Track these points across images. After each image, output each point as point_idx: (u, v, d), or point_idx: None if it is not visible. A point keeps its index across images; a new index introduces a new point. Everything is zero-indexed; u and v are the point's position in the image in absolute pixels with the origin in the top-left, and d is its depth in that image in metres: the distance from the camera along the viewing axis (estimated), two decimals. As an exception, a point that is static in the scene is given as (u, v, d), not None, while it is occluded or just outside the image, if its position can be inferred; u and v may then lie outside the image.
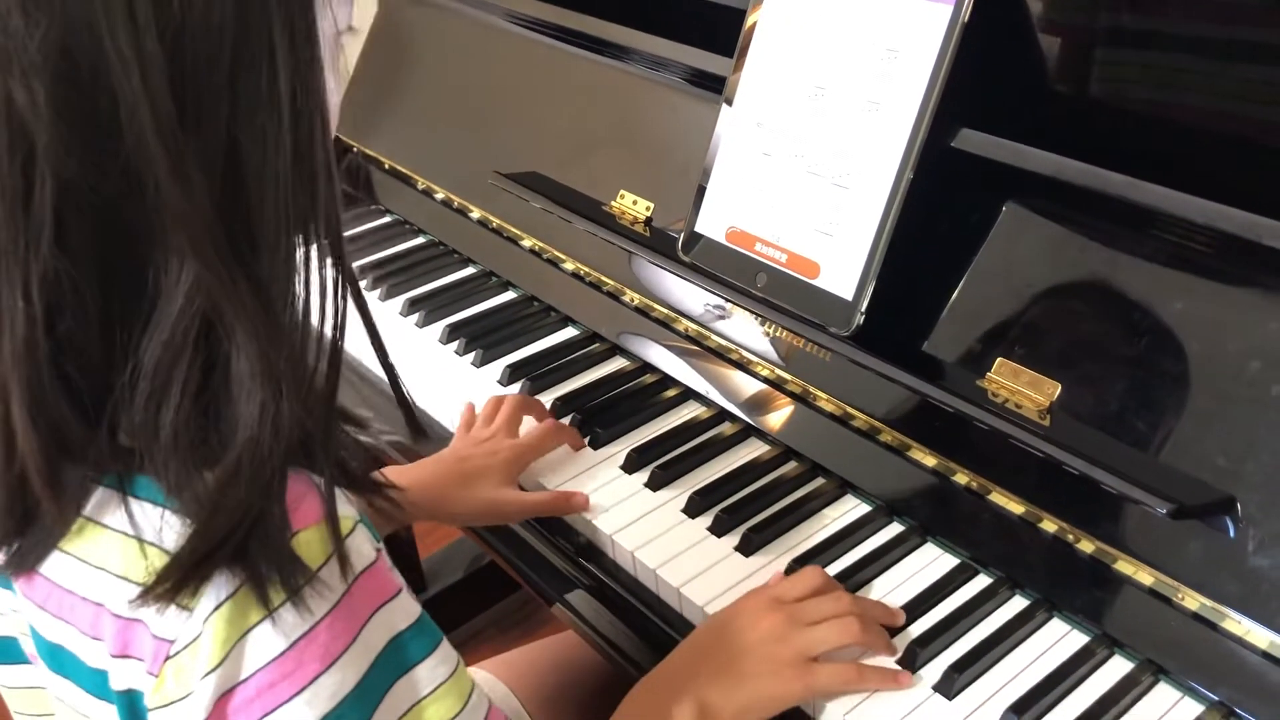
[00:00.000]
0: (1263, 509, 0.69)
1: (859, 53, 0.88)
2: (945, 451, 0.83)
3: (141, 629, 0.51)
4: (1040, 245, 0.83)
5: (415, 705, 0.55)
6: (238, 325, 0.48)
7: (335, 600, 0.51)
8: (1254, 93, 0.80)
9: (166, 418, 0.49)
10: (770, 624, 0.72)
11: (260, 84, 0.48)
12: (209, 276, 0.47)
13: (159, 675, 0.51)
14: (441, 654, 0.56)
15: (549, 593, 0.92)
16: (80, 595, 0.53)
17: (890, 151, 0.85)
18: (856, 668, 0.72)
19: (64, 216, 0.46)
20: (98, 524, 0.53)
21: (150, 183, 0.46)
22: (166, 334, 0.48)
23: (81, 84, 0.44)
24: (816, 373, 0.92)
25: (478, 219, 1.27)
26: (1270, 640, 0.67)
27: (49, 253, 0.46)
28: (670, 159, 1.08)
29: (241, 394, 0.49)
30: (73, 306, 0.48)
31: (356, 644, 0.52)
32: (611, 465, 0.94)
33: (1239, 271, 0.74)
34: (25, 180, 0.46)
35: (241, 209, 0.49)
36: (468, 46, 1.36)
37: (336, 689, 0.51)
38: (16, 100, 0.44)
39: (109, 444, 0.51)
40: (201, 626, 0.49)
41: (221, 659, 0.49)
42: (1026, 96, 0.90)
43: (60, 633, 0.55)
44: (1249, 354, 0.71)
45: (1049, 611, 0.77)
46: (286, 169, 0.49)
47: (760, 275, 0.93)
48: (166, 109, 0.45)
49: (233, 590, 0.49)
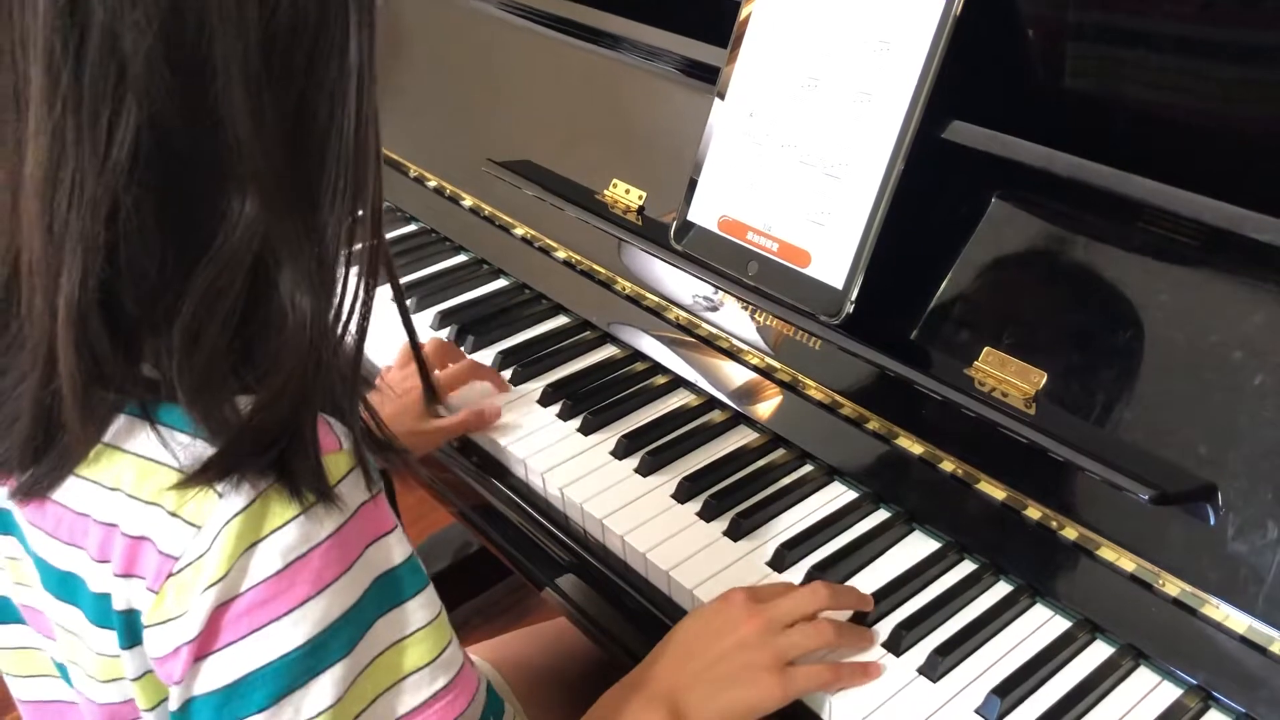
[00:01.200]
0: (1242, 496, 0.70)
1: (852, 44, 0.88)
2: (932, 439, 0.84)
3: (148, 546, 0.53)
4: (1028, 236, 0.84)
5: (397, 642, 0.56)
6: (287, 263, 0.52)
7: (335, 526, 0.53)
8: (1240, 88, 0.82)
9: (204, 346, 0.51)
10: (748, 630, 0.73)
11: (334, 55, 0.53)
12: (268, 216, 0.51)
13: (159, 592, 0.52)
14: (427, 596, 0.58)
15: (539, 578, 0.92)
16: (94, 518, 0.55)
17: (881, 142, 0.86)
18: (831, 669, 0.73)
19: (142, 150, 0.49)
20: (117, 449, 0.55)
21: (230, 127, 0.50)
22: (219, 265, 0.51)
23: (186, 34, 0.49)
24: (806, 361, 0.93)
25: (469, 207, 1.27)
26: (1248, 625, 0.68)
27: (124, 182, 0.49)
28: (663, 148, 1.09)
29: (286, 327, 0.52)
30: (136, 238, 0.50)
31: (349, 573, 0.54)
32: (602, 451, 0.95)
33: (1223, 264, 0.76)
34: (112, 118, 0.49)
35: (306, 163, 0.53)
36: (461, 34, 1.37)
37: (324, 614, 0.53)
38: (123, 42, 0.48)
39: (136, 373, 0.53)
40: (210, 542, 0.51)
41: (226, 572, 0.51)
42: (1017, 89, 0.91)
43: (70, 559, 0.57)
44: (1232, 345, 0.73)
45: (1032, 597, 0.78)
46: (350, 135, 0.54)
47: (752, 264, 0.94)
48: (255, 66, 0.50)
49: (247, 502, 0.51)
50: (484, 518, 0.98)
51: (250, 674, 0.52)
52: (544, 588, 0.92)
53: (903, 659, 0.74)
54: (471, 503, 1.00)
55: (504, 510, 0.96)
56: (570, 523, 0.91)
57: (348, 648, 0.54)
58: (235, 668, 0.52)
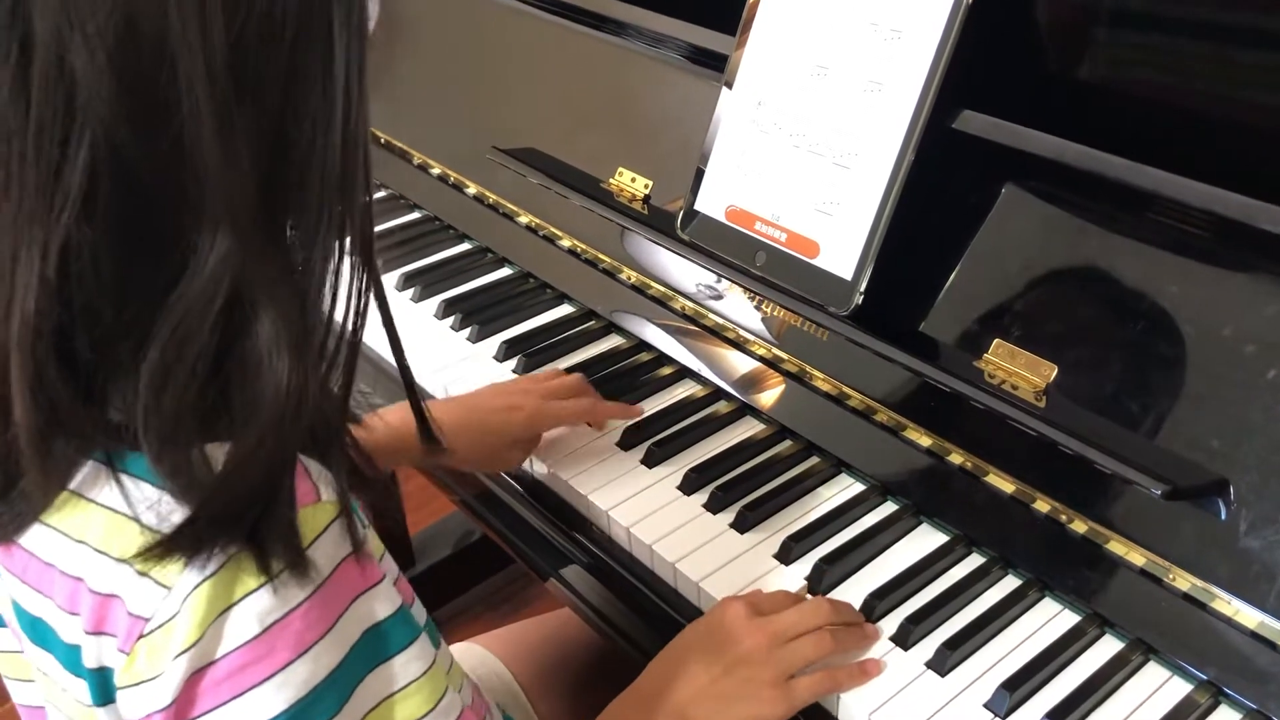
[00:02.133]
0: (1255, 491, 0.69)
1: (862, 33, 0.88)
2: (941, 431, 0.83)
3: (117, 604, 0.50)
4: (1039, 228, 0.84)
5: (386, 699, 0.54)
6: (264, 303, 0.48)
7: (314, 587, 0.50)
8: (1255, 77, 0.81)
9: (172, 394, 0.48)
10: (752, 644, 0.72)
11: (316, 70, 0.48)
12: (241, 251, 0.47)
13: (130, 653, 0.50)
14: (418, 649, 0.55)
15: (544, 568, 0.92)
16: (60, 569, 0.53)
17: (891, 132, 0.85)
18: (831, 675, 0.72)
19: (96, 184, 0.46)
20: (84, 499, 0.52)
21: (198, 154, 0.46)
22: (186, 307, 0.47)
23: (143, 53, 0.44)
24: (813, 352, 0.92)
25: (474, 194, 1.26)
26: (1259, 620, 0.68)
27: (73, 220, 0.46)
28: (670, 137, 1.08)
29: (262, 374, 0.48)
30: (90, 277, 0.47)
31: (333, 632, 0.51)
32: (607, 442, 0.94)
33: (1236, 256, 0.75)
34: (62, 147, 0.45)
35: (283, 195, 0.49)
36: (466, 21, 1.35)
37: (309, 677, 0.50)
38: (74, 66, 0.44)
39: (100, 420, 0.50)
40: (180, 605, 0.49)
41: (197, 638, 0.49)
42: (1028, 79, 0.90)
43: (39, 605, 0.55)
44: (1244, 338, 0.72)
45: (1041, 591, 0.78)
46: (335, 161, 0.49)
47: (759, 254, 0.94)
48: (223, 89, 0.45)
49: (217, 568, 0.48)
50: (486, 506, 0.98)
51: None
52: (548, 578, 0.92)
53: (911, 653, 0.74)
54: (473, 491, 0.99)
55: (507, 500, 0.96)
56: (575, 513, 0.91)
57: (335, 708, 0.52)
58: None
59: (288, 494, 0.50)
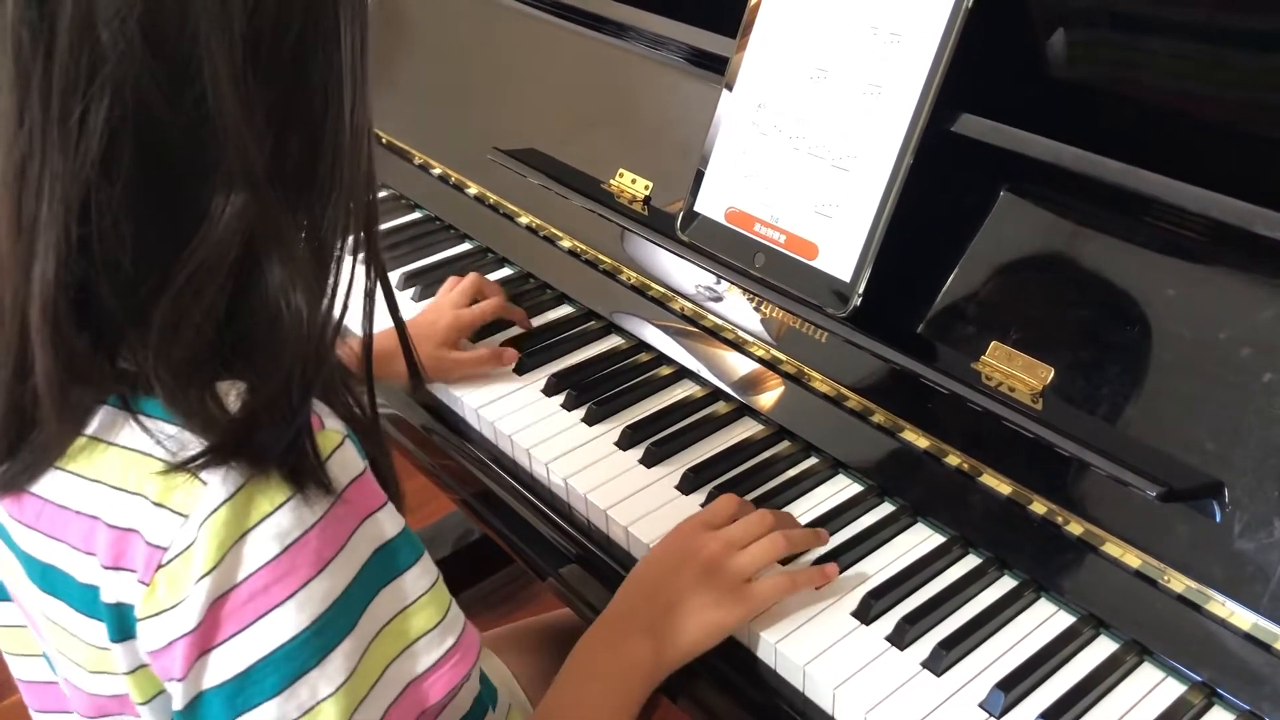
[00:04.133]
0: (1249, 493, 0.70)
1: (862, 36, 0.88)
2: (938, 433, 0.84)
3: (135, 538, 0.52)
4: (1037, 231, 0.84)
5: (400, 612, 0.57)
6: (278, 259, 0.52)
7: (327, 507, 0.53)
8: (1252, 82, 0.81)
9: (183, 341, 0.51)
10: (707, 555, 0.76)
11: (324, 45, 0.53)
12: (256, 209, 0.50)
13: (150, 584, 0.52)
14: (424, 565, 0.59)
15: (542, 567, 0.92)
16: (75, 510, 0.55)
17: (891, 135, 0.85)
18: (789, 577, 0.77)
19: (118, 144, 0.49)
20: (101, 441, 0.54)
21: (218, 119, 0.49)
22: (203, 257, 0.50)
23: (169, 24, 0.48)
24: (812, 353, 0.93)
25: (474, 195, 1.27)
26: (1253, 622, 0.68)
27: (96, 176, 0.48)
28: (670, 138, 1.08)
29: (281, 318, 0.52)
30: (111, 233, 0.49)
31: (346, 549, 0.54)
32: (606, 441, 0.94)
33: (1232, 259, 0.76)
34: (85, 107, 0.48)
35: (297, 156, 0.53)
36: (467, 22, 1.36)
37: (327, 593, 0.53)
38: (99, 34, 0.47)
39: (111, 367, 0.53)
40: (197, 531, 0.50)
41: (217, 562, 0.50)
42: (1027, 82, 0.91)
43: (52, 551, 0.56)
44: (1240, 341, 0.73)
45: (1037, 592, 0.78)
46: (345, 128, 0.53)
47: (758, 255, 0.94)
48: (242, 55, 0.49)
49: (231, 492, 0.51)
50: (486, 506, 0.98)
51: (260, 661, 0.52)
52: (546, 577, 0.92)
53: (906, 652, 0.74)
54: (473, 491, 1.00)
55: (506, 499, 0.96)
56: (574, 513, 0.91)
57: (353, 622, 0.54)
58: (244, 657, 0.52)
59: (307, 425, 0.53)
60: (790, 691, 0.75)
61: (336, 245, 0.56)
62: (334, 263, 0.56)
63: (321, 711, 0.53)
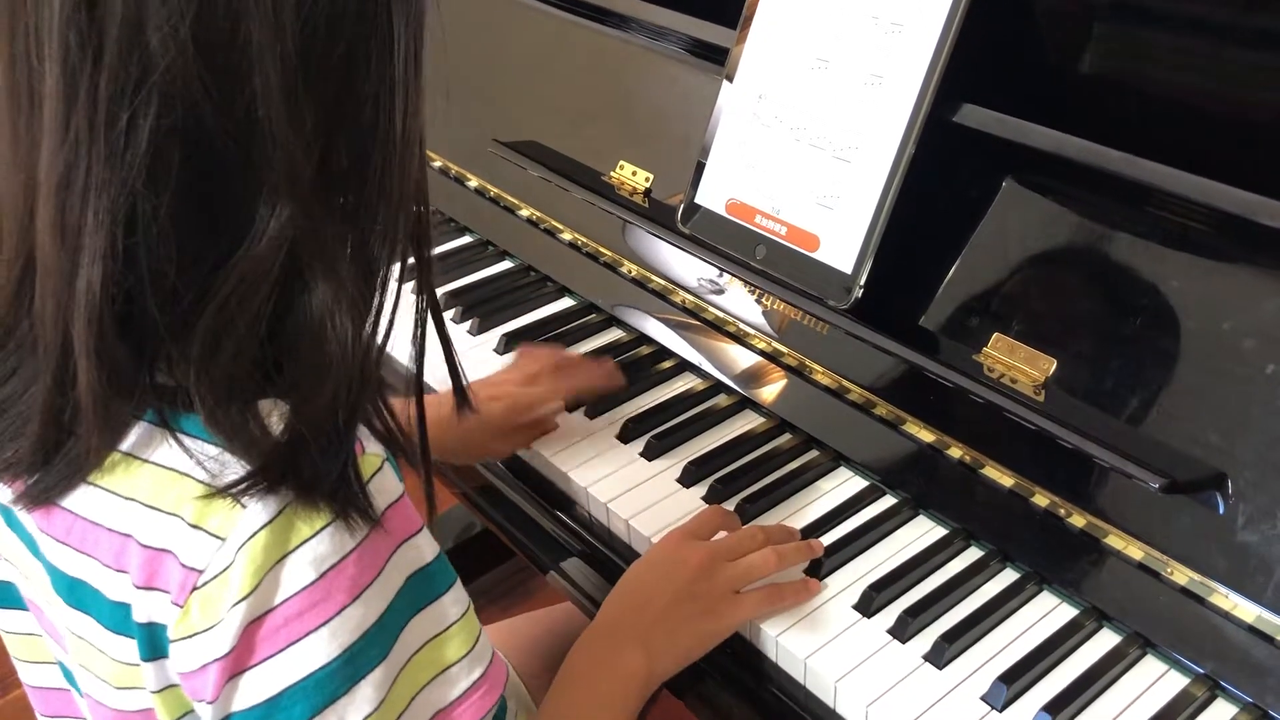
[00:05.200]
0: (1253, 485, 0.69)
1: (863, 26, 0.88)
2: (940, 425, 0.83)
3: (170, 559, 0.52)
4: (1039, 221, 0.84)
5: (432, 639, 0.56)
6: (323, 274, 0.50)
7: (365, 533, 0.52)
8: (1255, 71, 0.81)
9: (226, 353, 0.50)
10: (697, 564, 0.76)
11: (376, 54, 0.51)
12: (302, 222, 0.49)
13: (184, 606, 0.51)
14: (456, 592, 0.58)
15: (543, 561, 0.92)
16: (106, 527, 0.54)
17: (892, 125, 0.85)
18: (775, 589, 0.77)
19: (165, 153, 0.48)
20: (135, 459, 0.53)
21: (267, 128, 0.48)
22: (246, 270, 0.49)
23: (220, 31, 0.47)
24: (813, 346, 0.92)
25: (475, 187, 1.26)
26: (1257, 614, 0.68)
27: (142, 186, 0.47)
28: (671, 130, 1.08)
29: (326, 336, 0.51)
30: (156, 244, 0.49)
31: (382, 576, 0.53)
32: (608, 434, 0.94)
33: (1235, 249, 0.75)
34: (132, 115, 0.47)
35: (346, 168, 0.52)
36: (467, 14, 1.35)
37: (360, 621, 0.52)
38: (149, 40, 0.46)
39: (150, 381, 0.52)
40: (234, 555, 0.50)
41: (254, 587, 0.50)
42: (1029, 72, 0.90)
43: (81, 566, 0.56)
44: (1243, 332, 0.72)
45: (1039, 584, 0.78)
46: (397, 140, 0.52)
47: (759, 247, 0.94)
48: (293, 64, 0.48)
49: (271, 517, 0.50)
50: (487, 499, 0.98)
51: (290, 688, 0.51)
52: (548, 571, 0.92)
53: (909, 645, 0.74)
54: (474, 484, 0.99)
55: (508, 493, 0.96)
56: (575, 506, 0.91)
57: (385, 651, 0.53)
58: (274, 683, 0.51)
59: (351, 448, 0.52)
60: (792, 685, 0.75)
61: (383, 262, 0.54)
62: (380, 281, 0.54)
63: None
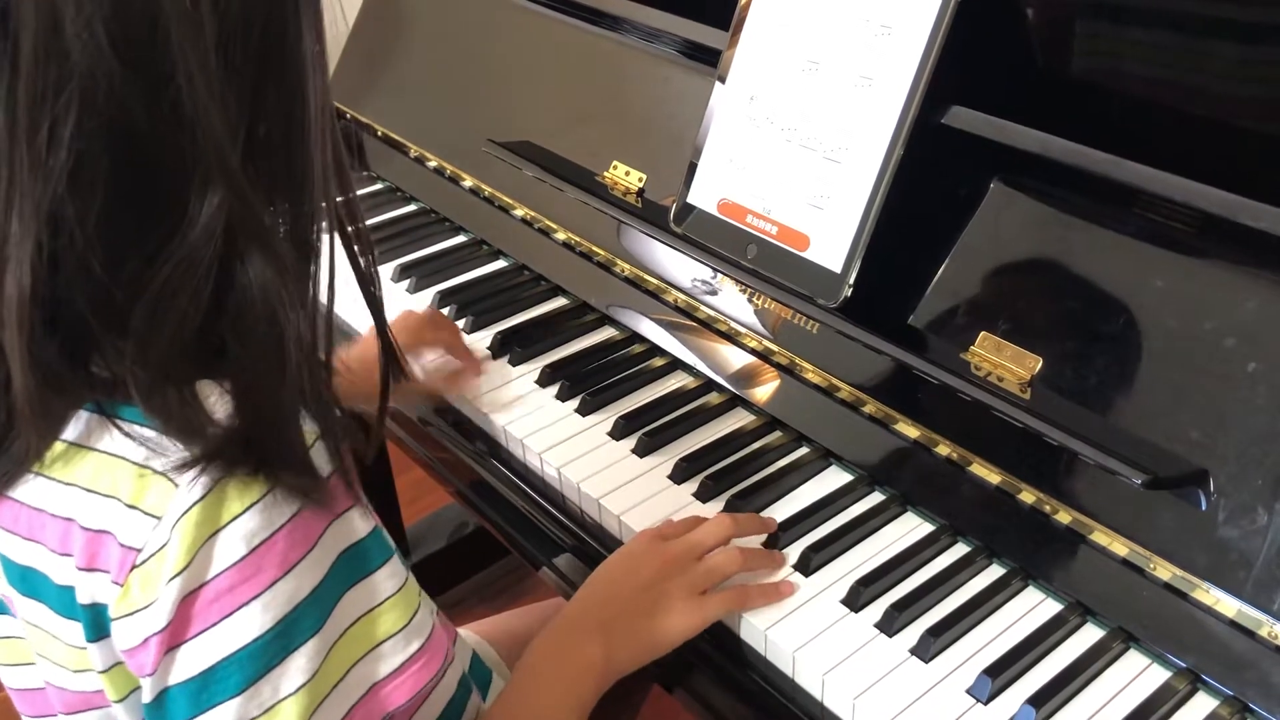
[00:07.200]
0: (1233, 482, 0.70)
1: (853, 28, 0.89)
2: (928, 423, 0.84)
3: (109, 540, 0.53)
4: (1026, 222, 0.85)
5: (367, 614, 0.57)
6: (258, 259, 0.51)
7: (295, 509, 0.53)
8: (1239, 73, 0.82)
9: (160, 341, 0.51)
10: (661, 564, 0.77)
11: (288, 44, 0.52)
12: (233, 201, 0.50)
13: (124, 585, 0.53)
14: (393, 567, 0.59)
15: (536, 557, 0.93)
16: (50, 513, 0.55)
17: (882, 127, 0.86)
18: (740, 591, 0.77)
19: (90, 156, 0.48)
20: (79, 447, 0.55)
21: (198, 122, 0.49)
22: (181, 257, 0.50)
23: (138, 32, 0.48)
24: (803, 344, 0.93)
25: (469, 187, 1.27)
26: (1238, 609, 0.69)
27: (66, 189, 0.48)
28: (663, 131, 1.09)
29: (266, 317, 0.52)
30: (83, 245, 0.49)
31: (314, 551, 0.54)
32: (599, 431, 0.95)
33: (1218, 250, 0.76)
34: (54, 120, 0.47)
35: (272, 155, 0.53)
36: (462, 15, 1.36)
37: (292, 594, 0.53)
38: (67, 44, 0.47)
39: (85, 374, 0.53)
40: (170, 533, 0.51)
41: (188, 562, 0.51)
42: (1016, 75, 0.91)
43: (30, 553, 0.57)
44: (1225, 331, 0.73)
45: (1025, 580, 0.79)
46: (313, 124, 0.53)
47: (750, 247, 0.95)
48: (214, 60, 0.49)
49: (205, 491, 0.51)
50: (481, 497, 0.99)
51: (224, 660, 0.53)
52: (541, 567, 0.93)
53: (895, 639, 0.75)
54: (469, 482, 1.00)
55: (501, 489, 0.97)
56: (567, 502, 0.92)
57: (318, 624, 0.54)
58: (208, 655, 0.53)
59: (296, 426, 0.54)
60: (779, 678, 0.76)
61: (318, 236, 0.56)
62: (315, 256, 0.56)
63: (282, 710, 0.54)
